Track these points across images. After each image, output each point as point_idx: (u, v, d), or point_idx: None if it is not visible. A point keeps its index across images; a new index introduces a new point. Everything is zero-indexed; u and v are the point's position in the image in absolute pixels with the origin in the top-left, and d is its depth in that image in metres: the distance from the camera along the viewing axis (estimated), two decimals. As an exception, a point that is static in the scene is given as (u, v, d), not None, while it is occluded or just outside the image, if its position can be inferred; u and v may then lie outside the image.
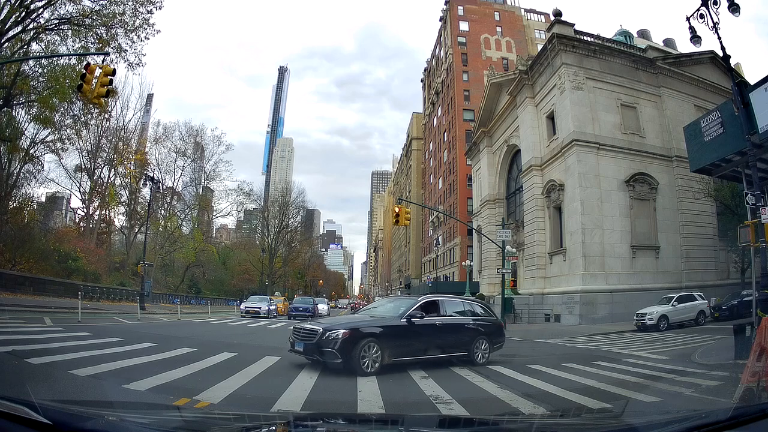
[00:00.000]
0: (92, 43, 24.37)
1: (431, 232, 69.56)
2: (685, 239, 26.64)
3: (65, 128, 29.71)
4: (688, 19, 12.57)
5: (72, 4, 23.49)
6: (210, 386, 6.02)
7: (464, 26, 62.80)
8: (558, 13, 29.17)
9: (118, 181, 45.72)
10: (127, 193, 46.54)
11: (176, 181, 53.98)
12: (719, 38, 12.01)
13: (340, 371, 7.69)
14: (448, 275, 57.92)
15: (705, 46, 17.45)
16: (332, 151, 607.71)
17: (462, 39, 61.99)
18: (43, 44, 24.07)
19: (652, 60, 28.87)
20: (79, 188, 41.90)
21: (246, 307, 28.35)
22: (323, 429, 2.67)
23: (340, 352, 7.59)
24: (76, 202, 45.74)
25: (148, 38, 25.43)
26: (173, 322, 19.76)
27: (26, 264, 27.37)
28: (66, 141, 32.10)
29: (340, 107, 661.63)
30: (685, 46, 57.03)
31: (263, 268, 58.61)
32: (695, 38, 12.75)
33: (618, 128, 27.64)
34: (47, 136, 31.27)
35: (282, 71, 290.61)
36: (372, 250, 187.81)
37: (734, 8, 11.84)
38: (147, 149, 48.94)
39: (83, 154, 40.44)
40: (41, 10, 23.37)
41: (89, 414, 2.04)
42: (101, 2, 23.96)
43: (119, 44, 24.82)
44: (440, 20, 69.94)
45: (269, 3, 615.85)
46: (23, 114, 29.05)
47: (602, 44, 29.19)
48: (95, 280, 33.52)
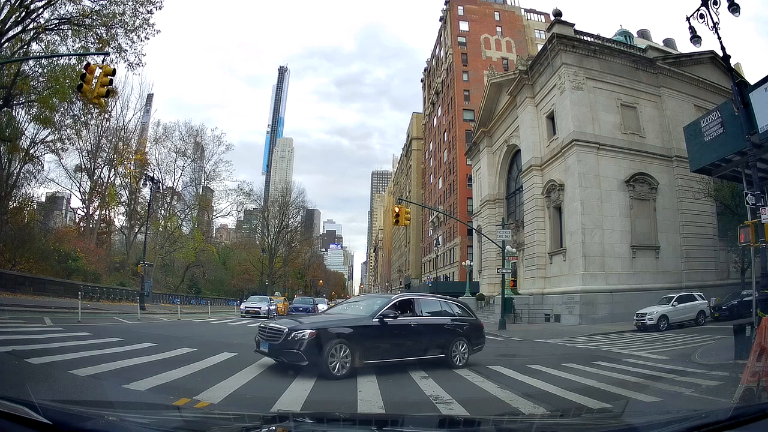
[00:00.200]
0: (92, 43, 24.38)
1: (431, 232, 69.56)
2: (685, 239, 26.64)
3: (65, 128, 29.74)
4: (688, 19, 12.57)
5: (72, 4, 23.52)
6: (210, 386, 6.02)
7: (464, 26, 62.81)
8: (558, 13, 29.17)
9: (118, 181, 45.79)
10: (127, 193, 46.59)
11: (176, 181, 54.05)
12: (719, 38, 12.02)
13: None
14: (448, 275, 57.92)
15: (705, 46, 17.48)
16: (332, 151, 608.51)
17: (462, 39, 61.99)
18: (43, 44, 24.08)
19: (652, 60, 28.87)
20: (79, 188, 41.96)
21: (246, 307, 28.35)
22: (323, 429, 2.67)
23: (306, 354, 7.15)
24: (76, 202, 45.82)
25: (148, 38, 25.48)
26: (173, 322, 19.76)
27: (26, 264, 27.37)
28: (66, 141, 32.14)
29: (340, 107, 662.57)
30: (685, 46, 57.08)
31: (263, 268, 58.63)
32: (695, 38, 12.75)
33: (618, 128, 27.64)
34: (47, 136, 31.31)
35: (282, 71, 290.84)
36: (372, 250, 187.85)
37: (734, 8, 11.84)
38: (147, 149, 49.02)
39: (83, 154, 40.50)
40: (41, 10, 23.40)
41: (89, 414, 2.04)
42: (101, 2, 23.99)
43: (119, 44, 24.86)
44: (440, 20, 69.97)
45: (269, 3, 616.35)
46: (23, 114, 29.09)
47: (602, 44, 29.19)
48: (95, 280, 33.52)
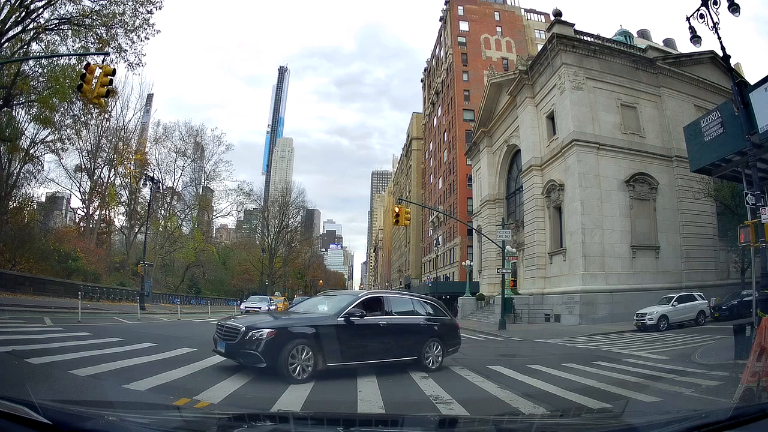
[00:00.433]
0: (92, 43, 24.39)
1: (431, 232, 69.54)
2: (685, 239, 26.65)
3: (65, 128, 29.75)
4: (688, 19, 12.57)
5: (72, 4, 23.53)
6: (210, 386, 6.03)
7: (464, 26, 62.79)
8: (558, 13, 29.18)
9: (118, 181, 45.84)
10: (127, 193, 46.63)
11: (176, 181, 54.11)
12: (719, 38, 12.02)
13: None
14: (448, 275, 57.91)
15: (705, 46, 17.48)
16: (332, 151, 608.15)
17: (462, 39, 61.97)
18: (43, 44, 24.09)
19: (652, 60, 28.87)
20: (79, 188, 42.01)
21: (246, 307, 28.34)
22: (323, 429, 2.67)
23: (264, 355, 6.69)
24: (76, 202, 45.88)
25: (148, 38, 25.49)
26: (173, 322, 19.77)
27: (26, 264, 27.38)
28: (66, 141, 32.17)
29: (340, 107, 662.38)
30: (685, 46, 57.06)
31: (263, 268, 58.65)
32: (695, 38, 12.75)
33: (618, 128, 27.64)
34: (47, 136, 31.34)
35: (282, 71, 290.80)
36: (372, 250, 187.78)
37: (734, 8, 11.84)
38: (147, 149, 49.08)
39: (83, 154, 40.55)
40: (41, 10, 23.41)
41: (89, 414, 2.04)
42: (101, 2, 24.00)
43: (119, 44, 24.87)
44: (440, 20, 69.94)
45: (269, 3, 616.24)
46: (23, 114, 29.12)
47: (602, 44, 29.20)
48: (95, 280, 33.54)
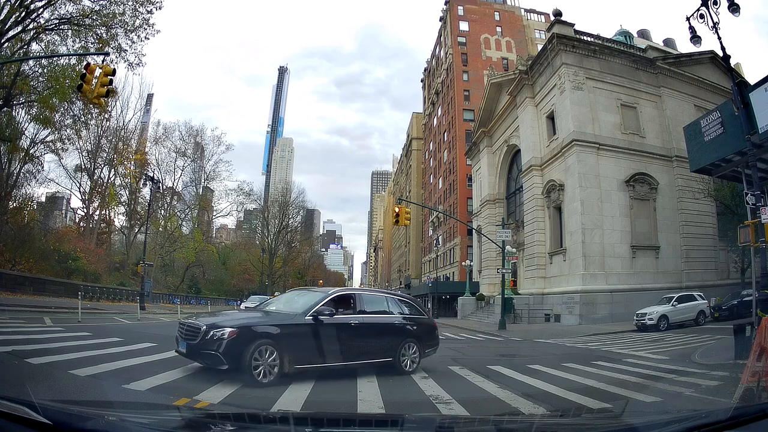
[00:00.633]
0: (92, 43, 24.39)
1: (431, 232, 69.53)
2: (685, 239, 26.65)
3: (65, 128, 29.75)
4: (688, 19, 12.57)
5: (72, 4, 23.53)
6: (210, 386, 6.03)
7: (464, 26, 62.79)
8: (558, 13, 29.19)
9: (118, 181, 45.88)
10: (127, 193, 46.66)
11: (176, 181, 54.13)
12: (719, 38, 12.02)
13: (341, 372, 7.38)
14: (448, 275, 57.92)
15: (705, 46, 17.44)
16: (332, 151, 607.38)
17: (462, 39, 61.97)
18: (43, 44, 24.09)
19: (652, 60, 28.87)
20: (79, 188, 42.04)
21: (246, 307, 28.33)
22: (323, 429, 2.67)
23: (226, 357, 6.30)
24: (76, 202, 45.90)
25: (148, 38, 25.49)
26: (173, 322, 19.69)
27: (26, 264, 27.39)
28: (66, 141, 32.17)
29: (340, 107, 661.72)
30: (685, 46, 57.02)
31: (263, 268, 58.65)
32: (695, 38, 12.75)
33: (618, 128, 27.64)
34: (47, 136, 31.35)
35: (282, 71, 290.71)
36: (372, 250, 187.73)
37: (734, 8, 11.84)
38: (147, 149, 49.11)
39: (83, 154, 40.58)
40: (41, 10, 23.40)
41: (89, 414, 2.04)
42: (101, 2, 23.99)
43: (119, 44, 24.86)
44: (440, 20, 69.94)
45: (269, 3, 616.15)
46: (23, 114, 29.13)
47: (602, 44, 29.21)
48: (95, 280, 33.55)
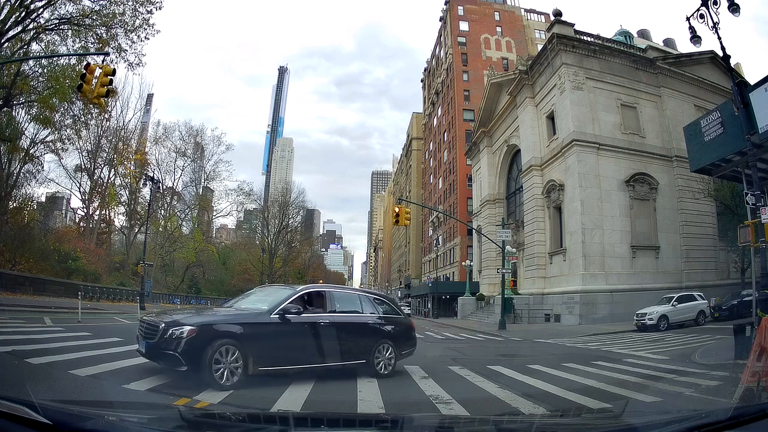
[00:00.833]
0: (92, 43, 24.37)
1: (431, 232, 69.54)
2: (685, 239, 26.65)
3: (65, 128, 29.72)
4: (688, 19, 12.57)
5: (72, 4, 23.51)
6: (210, 386, 6.02)
7: (464, 26, 62.80)
8: (558, 13, 29.20)
9: (118, 181, 45.86)
10: (127, 193, 46.65)
11: (176, 181, 54.10)
12: (719, 38, 12.02)
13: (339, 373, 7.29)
14: (448, 275, 57.92)
15: (705, 46, 17.42)
16: (332, 151, 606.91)
17: (462, 39, 61.98)
18: (43, 44, 24.08)
19: (652, 60, 28.88)
20: (79, 188, 42.02)
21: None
22: (323, 429, 2.67)
23: (185, 357, 5.89)
24: (76, 202, 45.88)
25: (148, 38, 25.46)
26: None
27: (26, 264, 27.38)
28: (66, 141, 32.14)
29: (340, 107, 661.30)
30: (685, 46, 57.00)
31: (263, 268, 58.60)
32: (695, 38, 12.75)
33: (618, 128, 27.65)
34: (47, 136, 31.33)
35: (282, 71, 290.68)
36: (372, 250, 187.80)
37: (734, 8, 11.84)
38: (147, 149, 49.09)
39: (83, 154, 40.56)
40: (41, 10, 23.38)
41: (89, 414, 2.04)
42: (101, 2, 23.98)
43: (119, 44, 24.85)
44: (440, 20, 69.95)
45: (269, 3, 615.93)
46: (23, 114, 29.10)
47: (602, 44, 29.22)
48: (95, 280, 33.53)
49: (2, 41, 22.42)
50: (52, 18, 23.63)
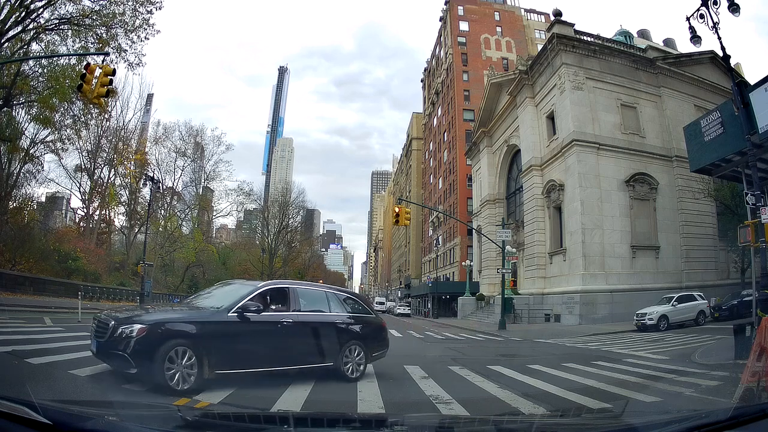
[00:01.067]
0: (92, 43, 24.35)
1: (431, 232, 69.55)
2: (685, 239, 26.66)
3: (65, 128, 29.66)
4: (688, 19, 12.57)
5: (72, 4, 23.48)
6: (209, 386, 6.02)
7: (464, 26, 62.81)
8: (558, 13, 29.21)
9: (118, 181, 45.77)
10: (127, 193, 46.56)
11: (176, 181, 54.00)
12: (719, 38, 12.02)
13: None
14: (448, 275, 57.92)
15: (705, 46, 17.42)
16: (332, 151, 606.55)
17: (462, 39, 61.99)
18: (43, 44, 24.05)
19: (652, 60, 28.89)
20: (79, 188, 41.94)
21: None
22: (323, 429, 2.67)
23: (135, 358, 5.43)
24: (76, 202, 45.78)
25: (148, 38, 25.39)
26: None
27: (26, 264, 27.36)
28: (66, 141, 32.06)
29: (340, 107, 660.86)
30: (685, 46, 56.97)
31: (263, 268, 58.54)
32: (695, 38, 12.75)
33: (618, 128, 27.66)
34: (47, 136, 31.26)
35: (282, 71, 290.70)
36: (372, 250, 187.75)
37: (734, 8, 11.84)
38: (147, 149, 48.97)
39: (83, 154, 40.47)
40: (41, 10, 23.35)
41: (89, 414, 2.04)
42: (101, 2, 23.94)
43: (119, 44, 24.81)
44: (440, 20, 69.96)
45: (269, 3, 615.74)
46: (23, 114, 29.05)
47: (602, 44, 29.23)
48: (95, 280, 33.50)
49: (2, 41, 22.40)
50: (52, 18, 23.62)
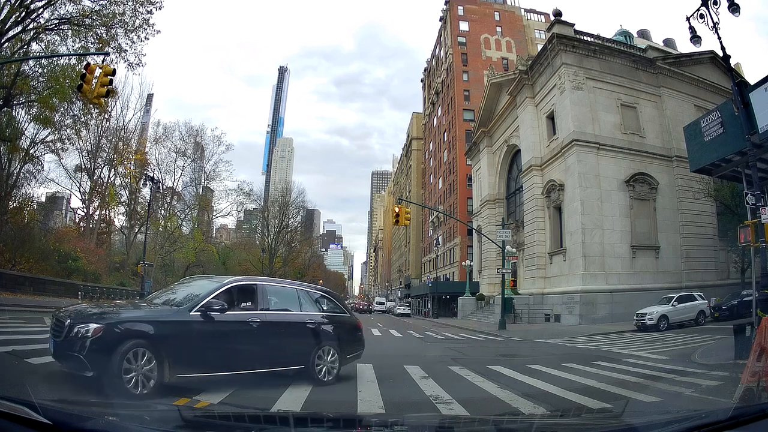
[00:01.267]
0: (92, 43, 24.34)
1: (431, 232, 69.54)
2: (685, 239, 26.65)
3: (65, 128, 29.62)
4: (688, 19, 12.57)
5: (72, 4, 23.46)
6: (210, 386, 6.02)
7: (464, 26, 62.81)
8: (558, 13, 29.22)
9: (118, 181, 45.74)
10: (127, 193, 46.54)
11: (176, 181, 53.95)
12: (719, 38, 12.02)
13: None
14: (448, 275, 57.92)
15: (705, 46, 17.41)
16: (332, 151, 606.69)
17: (462, 39, 61.99)
18: (43, 44, 24.04)
19: (652, 60, 28.89)
20: (79, 188, 41.92)
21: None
22: (323, 429, 2.67)
23: (90, 360, 5.06)
24: (76, 202, 45.76)
25: (148, 38, 25.35)
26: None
27: (26, 264, 27.35)
28: (66, 141, 32.03)
29: (340, 107, 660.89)
30: (685, 46, 56.96)
31: (263, 268, 58.50)
32: (695, 38, 12.75)
33: (618, 128, 27.66)
34: (47, 136, 31.24)
35: (282, 71, 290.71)
36: (372, 250, 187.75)
37: (734, 8, 11.84)
38: (147, 149, 48.93)
39: (83, 154, 40.45)
40: (41, 10, 23.34)
41: (89, 414, 2.05)
42: (101, 2, 23.93)
43: (119, 44, 24.79)
44: (440, 20, 69.96)
45: (269, 3, 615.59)
46: (23, 114, 29.03)
47: (602, 44, 29.23)
48: (95, 280, 33.51)
49: (2, 41, 22.40)
50: (52, 18, 23.61)
